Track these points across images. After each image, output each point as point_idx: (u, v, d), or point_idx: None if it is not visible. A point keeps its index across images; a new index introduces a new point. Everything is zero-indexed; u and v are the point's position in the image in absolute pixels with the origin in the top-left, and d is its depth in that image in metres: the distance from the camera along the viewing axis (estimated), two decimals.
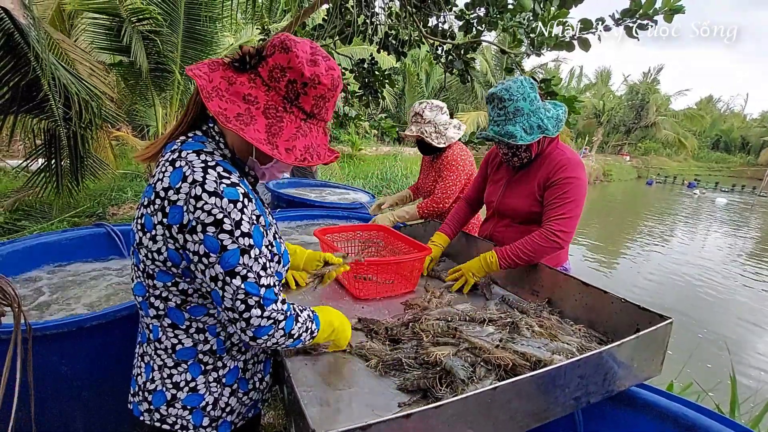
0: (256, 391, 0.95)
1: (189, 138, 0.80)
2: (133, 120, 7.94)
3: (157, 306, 0.80)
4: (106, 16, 4.83)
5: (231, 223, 0.70)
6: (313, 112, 0.79)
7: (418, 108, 2.12)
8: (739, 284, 7.46)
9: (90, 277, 1.92)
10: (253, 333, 0.75)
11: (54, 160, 3.20)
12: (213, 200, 0.69)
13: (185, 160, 0.74)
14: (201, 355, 0.84)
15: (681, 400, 0.98)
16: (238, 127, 0.71)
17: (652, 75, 30.79)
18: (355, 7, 3.11)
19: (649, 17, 2.48)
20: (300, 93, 0.76)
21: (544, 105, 1.47)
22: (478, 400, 0.72)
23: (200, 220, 0.69)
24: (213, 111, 0.72)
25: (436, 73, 18.13)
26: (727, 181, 29.77)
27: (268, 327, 0.76)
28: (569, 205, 1.41)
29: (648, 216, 14.11)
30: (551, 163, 1.49)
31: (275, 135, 0.74)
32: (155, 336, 0.83)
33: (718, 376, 3.88)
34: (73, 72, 3.04)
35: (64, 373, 1.34)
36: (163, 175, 0.74)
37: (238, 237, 0.71)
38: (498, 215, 1.71)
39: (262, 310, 0.74)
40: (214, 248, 0.70)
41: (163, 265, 0.76)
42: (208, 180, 0.71)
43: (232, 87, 0.75)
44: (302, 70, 0.74)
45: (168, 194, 0.71)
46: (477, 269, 1.44)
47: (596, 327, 1.19)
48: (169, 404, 0.84)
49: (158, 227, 0.73)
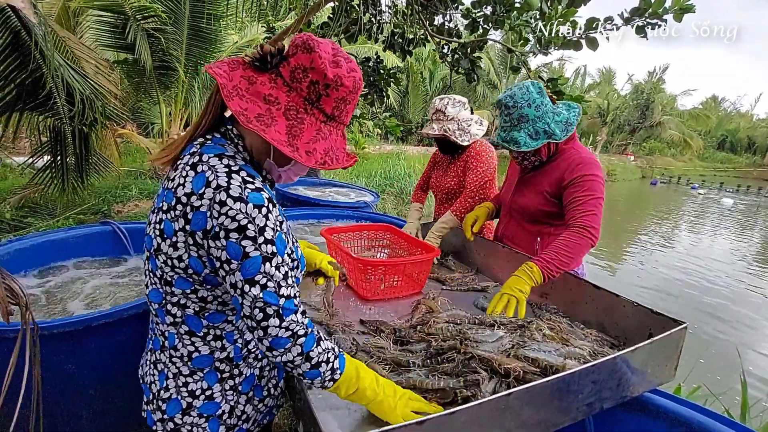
0: (271, 398, 0.94)
1: (208, 140, 0.78)
2: (138, 117, 7.96)
3: (174, 313, 0.79)
4: (111, 13, 4.83)
5: (255, 230, 0.68)
6: (333, 115, 0.77)
7: (439, 104, 1.97)
8: (746, 285, 7.41)
9: (97, 275, 1.92)
10: (270, 343, 0.71)
11: (59, 157, 3.21)
12: (238, 206, 0.68)
13: (207, 164, 0.72)
14: (218, 363, 0.83)
15: (692, 405, 0.97)
16: (260, 128, 0.70)
17: (657, 74, 30.56)
18: (361, 6, 3.10)
19: (658, 16, 2.45)
20: (322, 95, 0.74)
21: (554, 108, 1.46)
22: (492, 407, 0.71)
23: (224, 225, 0.67)
24: (234, 110, 0.70)
25: (440, 71, 18.08)
26: (733, 182, 29.58)
27: (285, 339, 0.71)
28: (594, 202, 1.37)
29: (653, 217, 14.03)
30: (566, 162, 1.47)
31: (296, 137, 0.73)
32: (171, 343, 0.81)
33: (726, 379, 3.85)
34: (79, 70, 3.04)
35: (71, 372, 1.34)
36: (184, 180, 0.71)
37: (261, 244, 0.69)
38: (509, 215, 1.70)
39: (280, 320, 0.70)
40: (236, 255, 0.68)
41: (184, 272, 0.74)
42: (232, 185, 0.69)
43: (252, 87, 0.73)
44: (325, 71, 0.72)
45: (191, 200, 0.70)
46: (523, 286, 1.22)
47: (607, 331, 1.18)
48: (185, 412, 0.82)
49: (180, 234, 0.71)
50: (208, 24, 5.53)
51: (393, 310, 1.35)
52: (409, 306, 1.35)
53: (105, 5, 4.68)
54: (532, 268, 1.24)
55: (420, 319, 1.19)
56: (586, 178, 1.40)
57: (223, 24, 5.93)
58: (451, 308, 1.27)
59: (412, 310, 1.30)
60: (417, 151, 15.95)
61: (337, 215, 2.70)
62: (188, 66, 5.75)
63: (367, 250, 1.81)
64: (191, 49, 5.65)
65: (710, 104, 43.95)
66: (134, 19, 4.75)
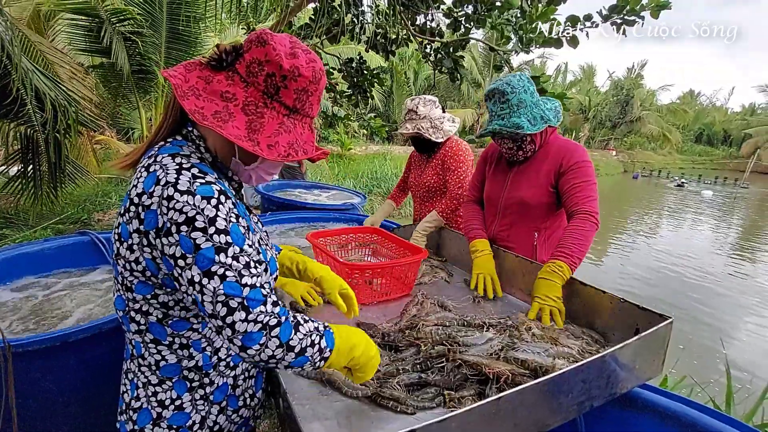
0: (246, 408, 0.91)
1: (167, 143, 0.76)
2: (117, 123, 7.77)
3: (138, 320, 0.76)
4: (84, 16, 4.70)
5: (204, 220, 0.65)
6: (296, 107, 0.75)
7: (411, 104, 2.05)
8: (724, 274, 7.62)
9: (74, 288, 1.86)
10: (242, 341, 0.65)
11: (31, 166, 3.10)
12: (185, 198, 0.65)
13: (160, 164, 0.70)
14: (186, 372, 0.80)
15: (681, 398, 0.98)
16: (216, 125, 0.68)
17: (636, 70, 31.28)
18: (343, 6, 3.08)
19: (636, 13, 2.49)
20: (280, 87, 0.72)
21: (541, 98, 1.50)
22: (483, 411, 0.70)
23: (173, 220, 0.65)
24: (188, 109, 0.68)
25: (424, 71, 18.15)
26: (711, 174, 30.48)
27: (257, 333, 0.65)
28: (592, 186, 1.40)
29: (637, 210, 14.34)
30: (560, 150, 1.49)
31: (256, 131, 0.71)
32: (138, 352, 0.79)
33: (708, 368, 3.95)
34: (50, 76, 2.94)
35: (50, 389, 1.29)
36: (137, 181, 0.70)
37: (212, 234, 0.65)
38: (500, 214, 1.65)
39: (246, 313, 0.65)
40: (189, 248, 0.64)
41: (142, 275, 0.72)
42: (181, 180, 0.67)
43: (209, 86, 0.71)
44: (281, 62, 0.70)
45: (142, 199, 0.68)
46: (557, 291, 1.19)
47: (594, 327, 1.18)
48: (155, 423, 0.80)
49: (134, 235, 0.69)
50: (186, 26, 5.43)
51: (382, 314, 1.33)
52: (398, 308, 1.33)
53: (78, 8, 4.55)
54: (561, 267, 1.22)
55: (409, 323, 1.18)
56: (582, 165, 1.43)
57: (202, 26, 5.83)
58: (441, 311, 1.26)
59: (401, 313, 1.29)
60: (403, 150, 15.98)
61: (324, 218, 2.66)
62: None
63: (354, 253, 1.79)
64: (170, 52, 5.54)
65: (687, 99, 45.18)
66: (109, 23, 4.62)
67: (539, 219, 1.54)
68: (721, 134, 45.10)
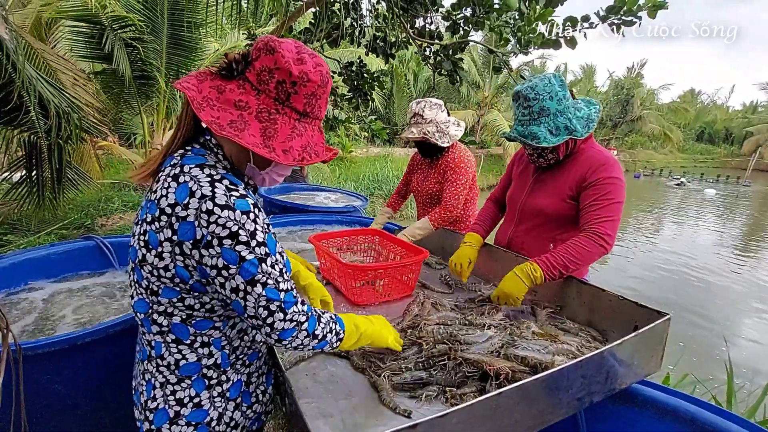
0: (259, 404, 0.94)
1: (188, 152, 0.78)
2: (119, 129, 7.82)
3: (161, 322, 0.79)
4: (86, 23, 4.75)
5: (246, 234, 0.70)
6: (306, 111, 0.78)
7: (416, 108, 1.99)
8: (727, 271, 7.60)
9: (82, 292, 1.88)
10: (278, 336, 0.76)
11: (35, 172, 3.13)
12: (226, 213, 0.69)
13: (189, 174, 0.73)
14: (205, 370, 0.83)
15: (680, 394, 0.99)
16: (233, 134, 0.71)
17: (636, 69, 31.25)
18: (342, 11, 3.10)
19: (633, 13, 2.51)
20: (290, 93, 0.75)
21: (575, 104, 1.38)
22: (484, 407, 0.72)
23: (215, 234, 0.69)
24: (206, 121, 0.71)
25: (424, 73, 18.19)
26: (713, 172, 30.40)
27: (291, 329, 0.77)
28: (613, 207, 1.29)
29: (638, 208, 14.32)
30: (588, 162, 1.38)
31: (271, 138, 0.74)
32: (157, 353, 0.81)
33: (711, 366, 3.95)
34: (54, 83, 2.97)
35: (60, 392, 1.31)
36: (167, 191, 0.72)
37: (254, 247, 0.71)
38: (518, 218, 1.58)
39: (284, 314, 0.75)
40: (233, 260, 0.70)
41: (170, 281, 0.75)
42: (217, 194, 0.70)
43: (222, 95, 0.74)
44: (290, 69, 0.73)
45: (176, 210, 0.70)
46: (519, 289, 1.20)
47: (594, 325, 1.20)
48: (172, 422, 0.82)
49: (165, 244, 0.72)
50: (188, 32, 5.47)
51: (384, 314, 1.33)
52: (399, 309, 1.35)
53: (80, 15, 4.60)
54: (535, 271, 1.20)
55: (411, 322, 1.20)
56: (608, 181, 1.32)
57: (203, 32, 5.88)
58: (442, 310, 1.27)
59: (403, 313, 1.30)
60: (404, 153, 16.00)
61: (326, 221, 2.69)
62: (169, 75, 5.68)
63: (356, 255, 1.81)
64: (171, 57, 5.58)
65: (688, 97, 45.10)
66: (111, 29, 4.67)
67: (557, 230, 1.45)
68: (722, 132, 45.02)
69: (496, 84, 18.62)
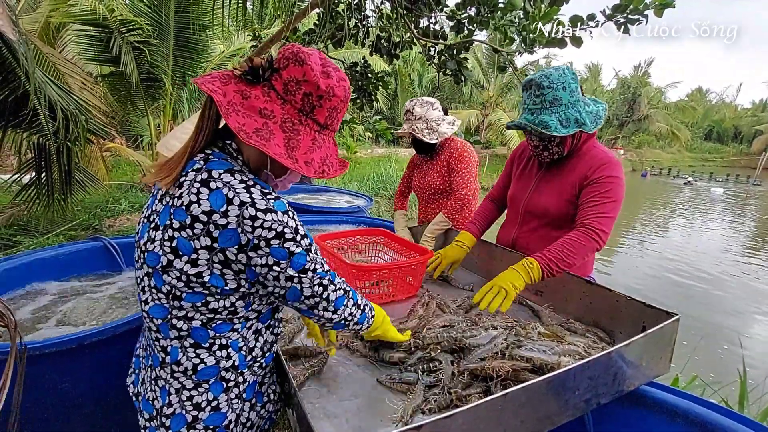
0: (271, 403, 0.95)
1: (209, 156, 0.77)
2: (127, 130, 7.90)
3: (180, 327, 0.78)
4: (94, 27, 4.80)
5: (291, 231, 0.74)
6: (326, 124, 0.79)
7: (408, 105, 2.09)
8: (737, 272, 7.50)
9: (89, 292, 1.90)
10: (335, 306, 0.84)
11: (45, 173, 3.17)
12: (270, 216, 0.71)
13: (221, 180, 0.72)
14: (223, 372, 0.82)
15: (690, 396, 0.97)
16: (260, 143, 0.71)
17: (642, 68, 30.98)
18: (346, 11, 3.11)
19: (639, 12, 2.49)
20: (315, 105, 0.76)
21: (583, 99, 1.37)
22: (489, 408, 0.71)
23: (262, 236, 0.71)
24: (233, 127, 0.70)
25: (428, 73, 18.18)
26: (721, 171, 30.03)
27: (342, 297, 0.86)
28: (610, 205, 1.30)
29: (645, 208, 14.18)
30: (590, 160, 1.38)
31: (294, 148, 0.75)
32: (173, 358, 0.80)
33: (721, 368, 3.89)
34: (62, 86, 3.01)
35: (66, 391, 1.32)
36: (198, 198, 0.71)
37: (299, 241, 0.76)
38: (521, 218, 1.56)
39: (334, 285, 0.84)
40: (284, 256, 0.74)
41: (201, 286, 0.74)
42: (256, 199, 0.71)
43: (246, 101, 0.73)
44: (318, 83, 0.74)
45: (213, 218, 0.70)
46: (517, 281, 1.18)
47: (602, 326, 1.19)
48: (190, 426, 0.81)
49: (201, 252, 0.71)
50: (194, 34, 5.51)
51: (390, 314, 1.34)
52: (404, 309, 1.34)
53: (88, 19, 4.65)
54: (532, 265, 1.20)
55: (415, 325, 1.19)
56: (608, 180, 1.33)
57: (209, 34, 5.91)
58: (446, 313, 1.27)
59: (408, 313, 1.30)
60: (408, 153, 15.99)
61: (330, 221, 2.69)
62: (175, 77, 5.72)
63: (361, 255, 1.81)
64: (178, 60, 5.62)
65: (696, 96, 44.61)
66: (118, 33, 4.71)
67: (562, 230, 1.42)
68: (731, 131, 44.43)
69: (501, 84, 18.55)
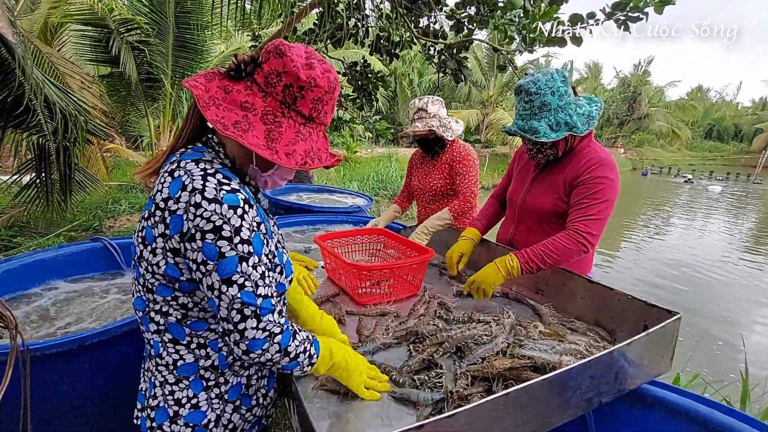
0: (259, 407, 0.93)
1: (188, 149, 0.79)
2: (126, 131, 7.90)
3: (158, 321, 0.79)
4: (93, 27, 4.80)
5: (230, 230, 0.69)
6: (311, 116, 0.78)
7: (419, 103, 2.03)
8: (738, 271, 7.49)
9: (89, 293, 1.89)
10: (247, 346, 0.72)
11: (43, 174, 3.16)
12: (212, 207, 0.68)
13: (184, 169, 0.73)
14: (202, 371, 0.83)
15: (692, 395, 0.97)
16: (237, 134, 0.70)
17: (642, 67, 30.95)
18: (346, 11, 3.11)
19: (639, 10, 2.48)
20: (297, 97, 0.75)
21: (576, 100, 1.38)
22: (491, 407, 0.71)
23: (199, 227, 0.68)
24: (210, 119, 0.71)
25: (428, 73, 18.16)
26: (722, 170, 30.02)
27: (262, 340, 0.72)
28: (599, 206, 1.30)
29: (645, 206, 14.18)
30: (582, 160, 1.38)
31: (274, 140, 0.74)
32: (156, 351, 0.81)
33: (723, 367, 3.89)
34: (62, 87, 3.00)
35: (67, 392, 1.32)
36: (162, 186, 0.72)
37: (237, 244, 0.69)
38: (518, 217, 1.59)
39: (257, 321, 0.71)
40: (212, 255, 0.68)
41: (163, 278, 0.75)
42: (207, 187, 0.69)
43: (228, 96, 0.74)
44: (298, 73, 0.73)
45: (168, 204, 0.70)
46: (495, 278, 1.27)
47: (603, 324, 1.18)
48: (172, 421, 0.82)
49: (158, 240, 0.72)
50: (193, 35, 5.51)
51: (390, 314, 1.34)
52: (405, 309, 1.34)
53: (87, 19, 4.65)
54: (512, 262, 1.26)
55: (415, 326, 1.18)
56: (599, 180, 1.33)
57: (208, 34, 5.91)
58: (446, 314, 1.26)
59: (409, 313, 1.29)
60: (408, 152, 15.98)
61: (330, 220, 2.68)
62: (175, 78, 5.72)
63: (361, 254, 1.80)
64: (177, 60, 5.62)
65: (696, 94, 44.59)
66: (117, 33, 4.71)
67: (558, 228, 1.42)
68: (731, 129, 44.41)
69: (501, 83, 18.53)
